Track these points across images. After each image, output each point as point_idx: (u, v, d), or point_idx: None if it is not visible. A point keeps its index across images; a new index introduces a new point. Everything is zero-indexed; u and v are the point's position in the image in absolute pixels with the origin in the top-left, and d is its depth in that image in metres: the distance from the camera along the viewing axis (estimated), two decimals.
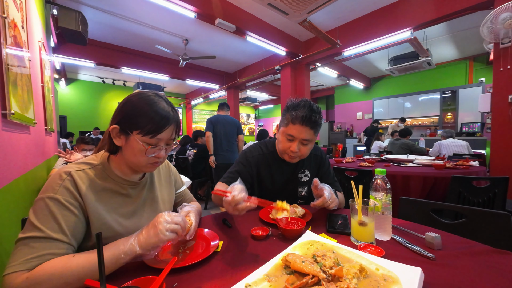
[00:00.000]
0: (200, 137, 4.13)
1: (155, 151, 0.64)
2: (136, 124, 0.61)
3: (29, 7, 1.72)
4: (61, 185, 0.57)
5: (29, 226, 0.52)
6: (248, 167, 1.08)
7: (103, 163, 0.67)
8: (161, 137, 0.63)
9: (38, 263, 0.49)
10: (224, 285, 0.49)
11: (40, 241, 0.51)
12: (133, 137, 0.61)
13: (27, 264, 0.48)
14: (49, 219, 0.53)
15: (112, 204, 0.66)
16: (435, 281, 0.48)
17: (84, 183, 0.60)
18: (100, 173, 0.65)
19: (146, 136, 0.61)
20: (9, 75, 1.03)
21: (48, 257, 0.50)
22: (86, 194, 0.60)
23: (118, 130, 0.63)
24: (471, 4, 2.84)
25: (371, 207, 0.66)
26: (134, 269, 0.56)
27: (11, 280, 0.46)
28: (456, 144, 3.54)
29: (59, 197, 0.55)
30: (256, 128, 13.03)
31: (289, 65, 5.09)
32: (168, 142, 0.67)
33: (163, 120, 0.62)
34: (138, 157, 0.63)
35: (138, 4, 3.46)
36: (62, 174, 0.59)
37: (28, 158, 1.43)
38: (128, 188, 0.70)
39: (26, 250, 0.49)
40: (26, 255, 0.49)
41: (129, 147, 0.63)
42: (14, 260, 0.48)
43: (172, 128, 0.65)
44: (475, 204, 1.57)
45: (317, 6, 2.44)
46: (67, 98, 7.13)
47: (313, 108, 0.95)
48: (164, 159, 0.70)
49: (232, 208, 0.66)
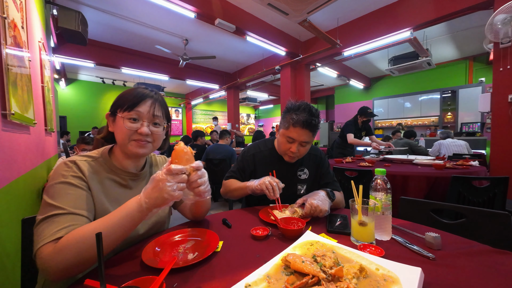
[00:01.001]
0: (199, 137, 4.14)
1: (137, 126, 0.68)
2: (118, 104, 0.69)
3: (29, 7, 1.72)
4: (69, 171, 0.62)
5: (47, 207, 0.56)
6: (246, 165, 1.15)
7: (103, 156, 0.72)
8: (139, 109, 0.68)
9: (63, 234, 0.53)
10: (224, 285, 0.49)
11: (62, 216, 0.55)
12: (118, 116, 0.68)
13: (54, 236, 0.52)
14: (66, 199, 0.58)
15: (113, 194, 0.69)
16: (435, 281, 0.48)
17: (88, 170, 0.65)
18: (101, 165, 0.70)
19: (125, 111, 0.67)
20: (9, 75, 1.03)
21: (72, 227, 0.55)
22: (90, 180, 0.64)
23: (109, 115, 0.71)
24: (471, 4, 2.84)
25: (371, 207, 0.66)
26: (134, 269, 0.56)
27: (41, 252, 0.51)
28: (456, 144, 3.54)
29: (70, 180, 0.61)
30: (256, 128, 13.03)
31: (289, 65, 5.09)
32: (151, 119, 0.70)
33: (139, 95, 0.69)
34: (121, 133, 0.67)
35: (138, 4, 3.45)
36: (67, 163, 0.63)
37: (28, 158, 1.43)
38: (128, 179, 0.73)
39: (51, 226, 0.54)
40: (52, 229, 0.53)
41: (117, 127, 0.69)
42: (41, 236, 0.53)
43: (149, 103, 0.69)
44: (475, 204, 1.57)
45: (317, 6, 2.44)
46: (67, 98, 7.12)
47: (313, 112, 0.99)
48: (153, 142, 0.72)
49: (271, 192, 0.92)
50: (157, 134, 0.72)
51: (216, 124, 7.64)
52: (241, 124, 11.95)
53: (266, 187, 0.93)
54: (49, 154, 2.37)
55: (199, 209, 0.82)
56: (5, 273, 0.95)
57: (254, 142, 1.32)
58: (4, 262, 0.95)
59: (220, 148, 3.31)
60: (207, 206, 0.84)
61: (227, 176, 1.19)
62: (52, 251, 0.50)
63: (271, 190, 0.92)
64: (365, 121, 3.25)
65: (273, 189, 0.92)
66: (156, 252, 0.62)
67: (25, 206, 1.33)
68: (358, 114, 3.21)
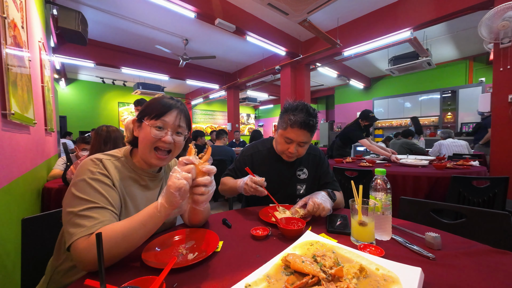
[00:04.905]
0: (199, 137, 4.13)
1: (162, 133, 0.71)
2: (146, 112, 0.72)
3: (29, 7, 1.72)
4: (97, 168, 0.65)
5: (78, 201, 0.59)
6: (244, 164, 1.15)
7: (125, 156, 0.75)
8: (166, 119, 0.71)
9: (97, 229, 0.56)
10: (224, 285, 0.49)
11: (96, 210, 0.59)
12: (144, 123, 0.71)
13: (90, 230, 0.55)
14: (97, 194, 0.61)
15: (133, 192, 0.73)
16: (435, 281, 0.48)
17: (112, 169, 0.69)
18: (123, 164, 0.74)
19: (153, 119, 0.71)
20: (9, 75, 1.03)
21: (105, 223, 0.58)
22: (115, 179, 0.68)
23: (136, 120, 0.75)
24: (471, 4, 2.84)
25: (371, 207, 0.66)
26: (134, 269, 0.56)
27: (77, 245, 0.54)
28: (457, 144, 3.54)
29: (98, 177, 0.64)
30: (256, 128, 13.03)
31: (289, 65, 5.08)
32: (175, 129, 0.73)
33: (166, 105, 0.73)
34: (146, 140, 0.70)
35: (138, 4, 3.45)
36: (94, 160, 0.67)
37: (28, 158, 1.43)
38: (147, 179, 0.77)
39: (86, 219, 0.57)
40: (87, 223, 0.56)
41: (142, 133, 0.72)
42: (76, 230, 0.55)
43: (175, 114, 0.73)
44: (475, 204, 1.57)
45: (317, 6, 2.44)
46: (67, 98, 7.12)
47: (310, 112, 0.99)
48: (173, 150, 0.75)
49: (254, 189, 0.91)
50: (179, 143, 0.75)
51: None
52: (241, 124, 11.95)
53: (249, 191, 0.94)
54: (49, 154, 2.37)
55: (194, 217, 0.80)
56: (5, 273, 0.95)
57: (252, 142, 1.32)
58: (4, 262, 0.95)
59: (218, 149, 3.31)
60: (204, 215, 0.81)
61: (224, 173, 1.21)
62: (87, 245, 0.53)
63: (255, 192, 0.93)
64: (367, 125, 3.23)
65: (256, 190, 0.92)
66: (156, 252, 0.62)
67: (25, 206, 1.33)
68: (360, 118, 3.18)
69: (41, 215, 0.85)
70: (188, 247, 0.66)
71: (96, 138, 1.50)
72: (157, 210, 0.56)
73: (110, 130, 1.54)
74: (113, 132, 1.54)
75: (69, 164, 2.04)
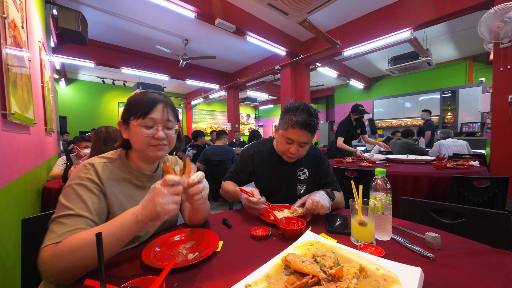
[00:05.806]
0: (199, 137, 4.13)
1: (153, 131, 0.69)
2: (131, 112, 0.69)
3: (29, 7, 1.72)
4: (86, 173, 0.65)
5: (60, 207, 0.59)
6: (245, 165, 1.15)
7: (120, 158, 0.74)
8: (153, 116, 0.69)
9: (66, 237, 0.54)
10: (224, 285, 0.49)
11: (70, 218, 0.58)
12: (132, 124, 0.69)
13: (56, 239, 0.54)
14: (77, 201, 0.60)
15: (130, 194, 0.72)
16: (435, 281, 0.48)
17: (105, 173, 0.68)
18: (118, 166, 0.72)
19: (140, 118, 0.68)
20: (9, 75, 1.03)
21: (76, 231, 0.56)
22: (107, 182, 0.67)
23: (121, 123, 0.72)
24: (471, 4, 2.84)
25: (371, 207, 0.66)
26: (134, 269, 0.56)
27: (43, 253, 0.53)
28: (456, 144, 3.54)
29: (85, 183, 0.63)
30: (256, 128, 13.03)
31: (289, 65, 5.08)
32: (165, 123, 0.71)
33: (150, 101, 0.70)
34: (139, 140, 0.69)
35: (138, 4, 3.45)
36: (86, 165, 0.66)
37: (28, 158, 1.43)
38: (143, 180, 0.76)
39: (58, 226, 0.56)
40: (57, 231, 0.55)
41: (132, 135, 0.70)
42: (48, 236, 0.55)
43: (161, 108, 0.70)
44: (475, 204, 1.57)
45: (317, 6, 2.44)
46: (67, 98, 7.12)
47: (311, 113, 0.98)
48: (168, 144, 0.74)
49: (252, 208, 0.89)
50: (171, 137, 0.74)
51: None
52: (241, 124, 11.95)
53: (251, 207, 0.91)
54: (49, 154, 2.37)
55: (195, 216, 0.80)
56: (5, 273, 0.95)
57: (252, 142, 1.31)
58: (4, 262, 0.95)
59: (218, 149, 3.31)
60: (204, 214, 0.81)
61: (226, 177, 1.20)
62: (50, 254, 0.51)
63: (254, 208, 0.91)
64: (358, 119, 3.25)
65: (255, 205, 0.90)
66: (156, 252, 0.62)
67: (25, 206, 1.33)
68: (351, 112, 3.23)
69: (41, 215, 0.84)
70: (188, 247, 0.66)
71: (96, 139, 1.51)
72: (135, 222, 0.54)
73: (110, 131, 1.55)
74: (113, 132, 1.55)
75: (69, 164, 2.04)
